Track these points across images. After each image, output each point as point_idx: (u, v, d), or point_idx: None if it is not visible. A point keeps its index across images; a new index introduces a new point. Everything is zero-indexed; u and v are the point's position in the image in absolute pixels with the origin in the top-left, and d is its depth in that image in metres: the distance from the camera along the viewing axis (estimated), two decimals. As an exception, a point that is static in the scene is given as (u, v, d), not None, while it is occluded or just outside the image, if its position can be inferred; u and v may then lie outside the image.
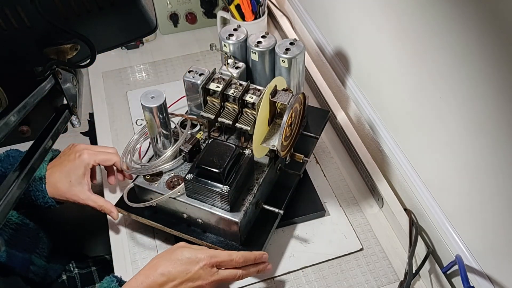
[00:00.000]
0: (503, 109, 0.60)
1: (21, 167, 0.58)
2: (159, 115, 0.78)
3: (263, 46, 0.85)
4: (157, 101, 0.76)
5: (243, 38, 0.88)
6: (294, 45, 0.84)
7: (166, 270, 0.72)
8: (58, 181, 0.86)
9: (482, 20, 0.59)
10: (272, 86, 0.76)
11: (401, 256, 0.86)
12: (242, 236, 0.79)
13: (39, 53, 0.58)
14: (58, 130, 0.64)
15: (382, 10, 0.84)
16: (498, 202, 0.66)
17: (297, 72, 0.86)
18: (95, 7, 0.54)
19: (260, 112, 0.74)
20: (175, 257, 0.73)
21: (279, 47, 0.84)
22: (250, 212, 0.79)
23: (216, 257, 0.73)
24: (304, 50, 0.85)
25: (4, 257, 0.85)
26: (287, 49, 0.84)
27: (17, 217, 0.92)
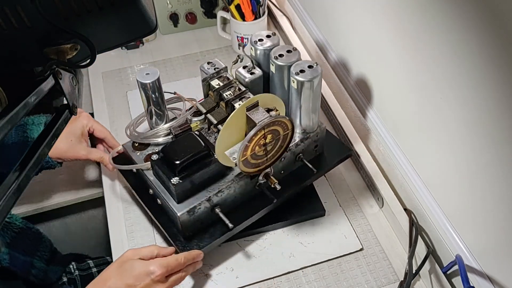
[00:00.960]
0: (503, 109, 0.60)
1: (21, 167, 0.58)
2: (151, 92, 0.82)
3: (282, 60, 0.81)
4: (151, 78, 0.80)
5: (270, 47, 0.84)
6: (312, 68, 0.78)
7: (114, 284, 0.71)
8: (59, 142, 0.86)
9: (483, 20, 0.59)
10: (253, 100, 0.74)
11: (401, 256, 0.86)
12: (185, 231, 0.80)
13: (39, 53, 0.58)
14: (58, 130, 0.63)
15: (382, 10, 0.84)
16: (498, 202, 0.66)
17: (309, 97, 0.80)
18: (95, 7, 0.54)
19: (230, 120, 0.73)
20: (125, 269, 0.73)
21: (296, 66, 0.78)
22: (201, 213, 0.80)
23: (167, 266, 0.73)
24: (320, 76, 0.78)
25: (7, 260, 0.85)
26: (302, 71, 0.77)
27: (20, 221, 0.92)
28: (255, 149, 0.75)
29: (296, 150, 0.86)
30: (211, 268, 0.84)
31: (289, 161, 0.86)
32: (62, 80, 0.62)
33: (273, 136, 0.76)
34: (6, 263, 0.85)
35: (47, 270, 0.94)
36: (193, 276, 0.83)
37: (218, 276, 0.83)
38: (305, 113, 0.82)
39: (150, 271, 0.72)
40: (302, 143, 0.86)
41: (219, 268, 0.84)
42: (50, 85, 0.60)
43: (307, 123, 0.84)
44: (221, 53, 1.27)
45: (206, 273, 0.84)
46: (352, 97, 1.05)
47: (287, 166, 0.86)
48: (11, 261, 0.86)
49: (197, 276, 0.83)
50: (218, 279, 0.83)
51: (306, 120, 0.84)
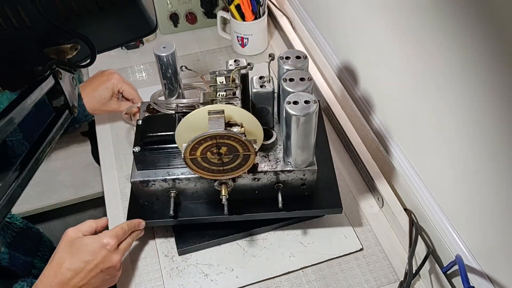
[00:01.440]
0: (503, 110, 0.60)
1: (21, 167, 0.58)
2: (164, 65, 0.85)
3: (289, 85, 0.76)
4: (166, 52, 0.83)
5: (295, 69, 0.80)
6: (307, 104, 0.72)
7: (72, 265, 0.73)
8: (93, 98, 1.01)
9: (483, 21, 0.59)
10: (218, 107, 0.73)
11: (401, 256, 0.86)
12: (139, 198, 0.84)
13: (39, 53, 0.58)
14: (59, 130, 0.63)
15: (381, 10, 0.84)
16: (498, 202, 0.66)
17: (296, 132, 0.74)
18: (95, 7, 0.54)
19: (189, 116, 0.73)
20: (77, 248, 0.75)
21: (293, 95, 0.73)
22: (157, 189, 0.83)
23: (117, 236, 0.78)
24: (313, 115, 0.72)
25: (7, 260, 0.86)
26: (296, 102, 0.72)
27: (21, 222, 0.92)
28: (206, 153, 0.73)
29: (274, 177, 0.81)
30: (211, 268, 0.85)
31: (265, 185, 0.82)
32: (62, 80, 0.62)
33: (230, 150, 0.73)
34: (5, 263, 0.85)
35: None
36: (193, 276, 0.83)
37: (218, 276, 0.84)
38: (292, 146, 0.77)
39: (104, 243, 0.76)
40: (283, 174, 0.80)
41: (219, 268, 0.84)
42: (50, 85, 0.60)
43: (293, 157, 0.79)
44: (221, 53, 1.27)
45: (206, 273, 0.84)
46: (352, 97, 1.05)
47: (262, 189, 0.83)
48: (11, 261, 0.86)
49: (197, 276, 0.84)
50: (218, 279, 0.83)
51: (293, 153, 0.78)
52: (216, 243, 0.87)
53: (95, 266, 0.74)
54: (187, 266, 0.85)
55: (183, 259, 0.86)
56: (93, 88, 1.02)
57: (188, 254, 0.86)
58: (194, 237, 0.86)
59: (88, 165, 1.17)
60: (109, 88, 1.02)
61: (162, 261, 0.86)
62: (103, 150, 1.06)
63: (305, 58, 0.80)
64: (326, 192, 0.85)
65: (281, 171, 0.80)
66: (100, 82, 1.03)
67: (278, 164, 0.80)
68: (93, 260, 0.74)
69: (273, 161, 0.81)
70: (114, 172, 1.01)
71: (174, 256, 0.86)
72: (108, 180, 0.99)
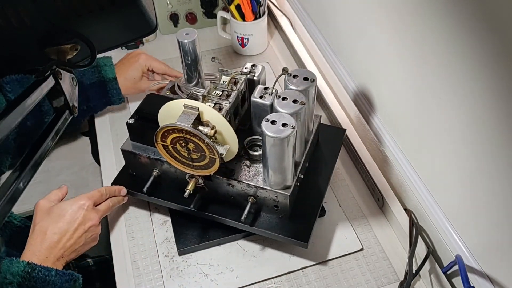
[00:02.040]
0: (503, 110, 0.60)
1: (21, 167, 0.58)
2: (184, 51, 0.87)
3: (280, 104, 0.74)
4: (187, 39, 0.85)
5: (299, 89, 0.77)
6: (284, 128, 0.70)
7: (56, 228, 0.78)
8: (125, 80, 1.06)
9: (483, 21, 0.59)
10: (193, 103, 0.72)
11: (401, 256, 0.86)
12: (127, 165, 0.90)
13: (39, 53, 0.58)
14: (59, 130, 0.64)
15: (381, 10, 0.84)
16: (498, 202, 0.66)
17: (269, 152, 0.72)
18: (95, 7, 0.54)
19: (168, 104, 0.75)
20: (57, 214, 0.79)
21: (275, 115, 0.72)
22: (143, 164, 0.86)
23: (92, 197, 0.83)
24: (286, 141, 0.70)
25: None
26: (274, 122, 0.70)
27: (19, 220, 0.92)
28: (176, 144, 0.75)
29: (247, 189, 0.80)
30: (211, 268, 0.85)
31: (239, 193, 0.81)
32: (62, 80, 0.62)
33: (197, 148, 0.74)
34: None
35: None
36: (193, 276, 0.83)
37: (218, 276, 0.84)
38: (265, 165, 0.75)
39: (81, 204, 0.81)
40: (256, 190, 0.79)
41: (219, 268, 0.84)
42: (50, 85, 0.60)
43: (266, 176, 0.77)
44: (221, 53, 1.27)
45: (206, 273, 0.84)
46: (351, 97, 1.05)
47: (237, 197, 0.82)
48: None
49: (197, 276, 0.84)
50: (218, 279, 0.83)
51: (266, 172, 0.77)
52: (216, 243, 0.87)
53: (78, 226, 0.79)
54: (187, 266, 0.85)
55: (183, 259, 0.86)
56: (123, 70, 1.07)
57: (188, 254, 0.86)
58: (194, 237, 0.86)
59: (88, 165, 1.17)
60: (138, 69, 1.07)
61: (162, 261, 0.86)
62: (103, 150, 1.06)
63: (312, 81, 0.78)
64: (300, 221, 0.81)
65: (254, 186, 0.78)
66: (129, 63, 1.08)
67: (256, 178, 0.79)
68: (75, 220, 0.79)
69: (253, 173, 0.80)
70: (114, 172, 1.00)
71: (174, 256, 0.86)
72: (108, 180, 0.99)
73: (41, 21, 0.52)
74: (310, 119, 0.83)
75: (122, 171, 0.92)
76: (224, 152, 0.74)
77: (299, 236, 0.80)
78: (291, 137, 0.70)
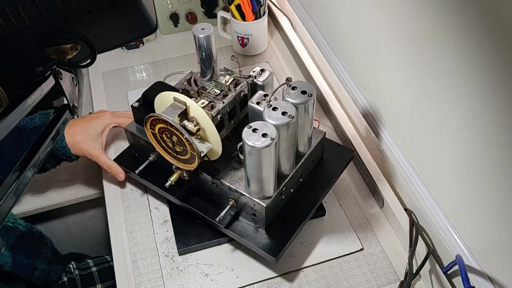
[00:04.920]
0: (503, 110, 0.60)
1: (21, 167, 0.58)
2: (198, 46, 0.86)
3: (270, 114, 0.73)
4: (203, 33, 0.85)
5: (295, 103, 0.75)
6: (264, 138, 0.69)
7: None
8: (78, 132, 0.94)
9: (483, 21, 0.59)
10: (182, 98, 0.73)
11: (402, 256, 0.86)
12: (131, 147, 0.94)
13: (39, 53, 0.58)
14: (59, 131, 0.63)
15: (381, 10, 0.84)
16: (498, 202, 0.66)
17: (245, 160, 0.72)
18: (95, 7, 0.54)
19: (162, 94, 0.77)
20: None
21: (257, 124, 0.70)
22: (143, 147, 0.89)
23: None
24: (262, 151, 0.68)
25: (10, 264, 0.86)
26: (255, 130, 0.70)
27: (24, 226, 0.92)
28: (162, 133, 0.76)
29: (228, 192, 0.80)
30: (211, 268, 0.85)
31: (221, 194, 0.82)
32: (63, 80, 0.62)
33: (180, 143, 0.74)
34: (8, 267, 0.86)
35: (49, 271, 0.94)
36: (194, 276, 0.83)
37: (218, 276, 0.84)
38: (247, 171, 0.75)
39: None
40: (237, 194, 0.79)
41: (219, 268, 0.84)
42: (50, 85, 0.60)
43: (246, 183, 0.77)
44: (221, 53, 1.27)
45: (206, 273, 0.84)
46: (352, 97, 1.05)
47: (220, 197, 0.82)
48: (14, 265, 0.87)
49: (197, 276, 0.84)
50: (218, 279, 0.83)
51: (246, 179, 0.76)
52: (217, 243, 0.87)
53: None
54: (187, 266, 0.85)
55: (184, 259, 0.86)
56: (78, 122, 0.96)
57: (188, 254, 0.86)
58: (194, 237, 0.86)
59: (88, 165, 1.16)
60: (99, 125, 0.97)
61: (162, 261, 0.86)
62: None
63: (309, 95, 0.75)
64: (276, 234, 0.80)
65: (235, 190, 0.78)
66: (89, 118, 0.98)
67: (239, 183, 0.79)
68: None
69: (238, 177, 0.79)
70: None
71: (174, 256, 0.86)
72: (108, 180, 0.99)
73: (41, 21, 0.52)
74: (304, 133, 0.80)
75: (127, 150, 0.96)
76: (204, 151, 0.74)
77: (269, 249, 0.78)
78: (268, 149, 0.69)
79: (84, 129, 0.95)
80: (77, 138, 0.94)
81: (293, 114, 0.72)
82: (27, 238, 0.92)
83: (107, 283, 1.01)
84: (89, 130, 0.95)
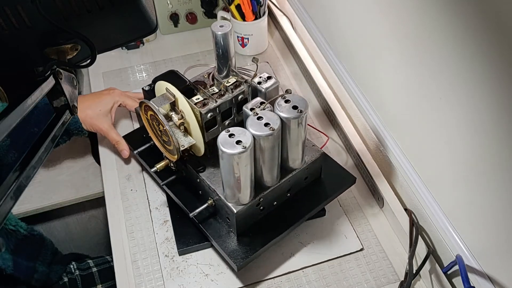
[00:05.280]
0: (503, 110, 0.60)
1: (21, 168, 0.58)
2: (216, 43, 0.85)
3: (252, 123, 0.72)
4: (221, 31, 0.85)
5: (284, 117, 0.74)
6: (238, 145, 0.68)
7: None
8: (89, 107, 0.96)
9: (483, 21, 0.59)
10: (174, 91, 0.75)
11: (402, 256, 0.86)
12: None
13: (39, 53, 0.58)
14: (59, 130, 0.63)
15: (382, 10, 0.84)
16: (498, 202, 0.66)
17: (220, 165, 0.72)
18: (95, 7, 0.54)
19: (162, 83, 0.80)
20: None
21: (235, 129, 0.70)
22: None
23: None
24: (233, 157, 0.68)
25: (11, 267, 0.86)
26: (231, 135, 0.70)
27: (25, 229, 0.92)
28: (153, 121, 0.79)
29: (208, 190, 0.80)
30: (211, 268, 0.85)
31: (203, 190, 0.82)
32: (63, 80, 0.62)
33: (166, 132, 0.75)
34: (10, 270, 0.86)
35: (49, 273, 0.94)
36: (194, 276, 0.83)
37: (218, 276, 0.84)
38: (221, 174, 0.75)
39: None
40: (214, 193, 0.79)
41: (219, 268, 0.84)
42: (50, 85, 0.60)
43: (222, 191, 0.77)
44: (221, 53, 1.27)
45: (206, 273, 0.84)
46: (352, 97, 1.05)
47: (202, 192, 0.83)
48: (15, 268, 0.87)
49: (197, 276, 0.84)
50: (218, 279, 0.83)
51: (222, 187, 0.77)
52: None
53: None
54: (187, 266, 0.85)
55: (184, 259, 0.86)
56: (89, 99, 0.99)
57: (188, 254, 0.86)
58: (194, 237, 0.86)
59: (88, 165, 1.16)
60: (109, 102, 1.00)
61: (162, 261, 0.86)
62: (103, 150, 1.06)
63: (299, 112, 0.73)
64: (246, 243, 0.80)
65: (213, 190, 0.79)
66: (99, 94, 1.02)
67: (219, 183, 0.78)
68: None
69: (220, 177, 0.78)
70: (114, 172, 1.01)
71: (174, 256, 0.86)
72: (108, 180, 0.99)
73: (41, 21, 0.52)
74: (293, 149, 0.78)
75: (137, 130, 1.00)
76: (185, 145, 0.75)
77: (234, 256, 0.78)
78: (238, 156, 0.68)
79: (95, 104, 0.97)
80: (88, 113, 0.96)
81: (275, 127, 0.71)
82: (28, 241, 0.92)
83: (108, 283, 1.01)
84: (100, 105, 0.98)
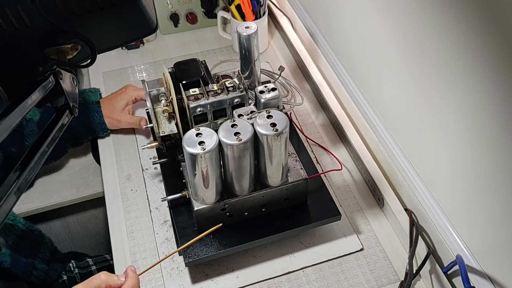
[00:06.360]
0: (503, 109, 0.60)
1: (21, 168, 0.58)
2: (240, 43, 0.88)
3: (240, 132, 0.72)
4: (246, 32, 0.87)
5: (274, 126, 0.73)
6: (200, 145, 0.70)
7: None
8: (105, 107, 1.04)
9: (483, 21, 0.59)
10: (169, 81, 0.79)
11: (402, 256, 0.86)
12: None
13: (39, 53, 0.58)
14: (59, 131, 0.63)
15: (382, 10, 0.84)
16: (498, 202, 0.66)
17: None
18: (95, 7, 0.54)
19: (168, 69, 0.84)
20: None
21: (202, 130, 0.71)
22: None
23: None
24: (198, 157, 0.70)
25: (9, 262, 0.86)
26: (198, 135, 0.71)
27: (23, 224, 0.92)
28: None
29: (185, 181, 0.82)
30: (211, 268, 0.85)
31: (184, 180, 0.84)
32: (63, 80, 0.62)
33: None
34: (8, 265, 0.86)
35: (48, 271, 0.94)
36: (193, 276, 0.83)
37: (218, 276, 0.84)
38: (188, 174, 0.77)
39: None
40: (186, 191, 0.81)
41: (219, 268, 0.84)
42: (50, 85, 0.60)
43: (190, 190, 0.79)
44: (221, 53, 1.27)
45: (206, 273, 0.84)
46: (352, 97, 1.05)
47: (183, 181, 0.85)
48: (13, 263, 0.87)
49: (197, 276, 0.84)
50: (218, 279, 0.83)
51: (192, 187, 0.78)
52: None
53: None
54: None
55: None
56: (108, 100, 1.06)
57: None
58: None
59: (88, 165, 1.16)
60: (124, 98, 1.06)
61: (162, 261, 0.86)
62: (103, 150, 1.06)
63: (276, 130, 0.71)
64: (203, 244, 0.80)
65: (186, 182, 0.81)
66: (115, 94, 1.07)
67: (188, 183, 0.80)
68: None
69: None
70: (114, 172, 1.01)
71: (174, 256, 0.86)
72: (108, 180, 0.99)
73: (41, 21, 0.52)
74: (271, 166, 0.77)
75: None
76: (165, 131, 0.81)
77: (185, 253, 0.79)
78: (197, 157, 0.70)
79: (110, 104, 1.05)
80: (105, 112, 1.04)
81: (244, 139, 0.70)
82: (26, 237, 0.92)
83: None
84: (114, 103, 1.05)
